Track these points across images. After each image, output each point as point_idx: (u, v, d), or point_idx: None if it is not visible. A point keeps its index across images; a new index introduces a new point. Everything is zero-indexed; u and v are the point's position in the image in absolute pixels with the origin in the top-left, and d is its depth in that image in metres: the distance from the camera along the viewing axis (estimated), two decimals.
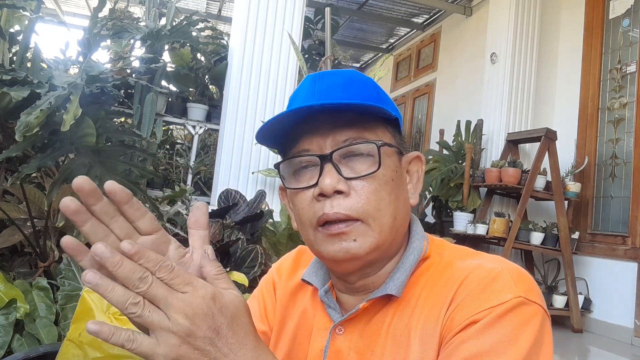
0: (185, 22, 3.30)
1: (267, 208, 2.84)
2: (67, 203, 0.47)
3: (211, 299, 0.46)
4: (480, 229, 3.98)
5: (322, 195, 0.61)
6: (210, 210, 2.58)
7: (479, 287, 0.58)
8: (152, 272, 0.45)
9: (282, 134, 0.66)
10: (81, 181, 0.47)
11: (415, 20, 6.69)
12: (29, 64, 2.08)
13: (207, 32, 4.10)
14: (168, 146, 4.13)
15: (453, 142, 4.66)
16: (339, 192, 0.61)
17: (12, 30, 2.25)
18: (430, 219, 5.11)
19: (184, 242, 0.55)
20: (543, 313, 0.57)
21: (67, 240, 0.47)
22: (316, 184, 0.62)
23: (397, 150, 0.66)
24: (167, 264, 0.45)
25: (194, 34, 3.44)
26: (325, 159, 0.61)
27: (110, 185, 0.49)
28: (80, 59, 2.36)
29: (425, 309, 0.61)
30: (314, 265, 0.74)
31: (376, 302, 0.64)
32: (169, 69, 3.65)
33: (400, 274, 0.64)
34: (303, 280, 0.73)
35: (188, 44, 3.53)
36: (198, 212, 0.54)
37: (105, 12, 3.59)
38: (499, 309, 0.55)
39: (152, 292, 0.44)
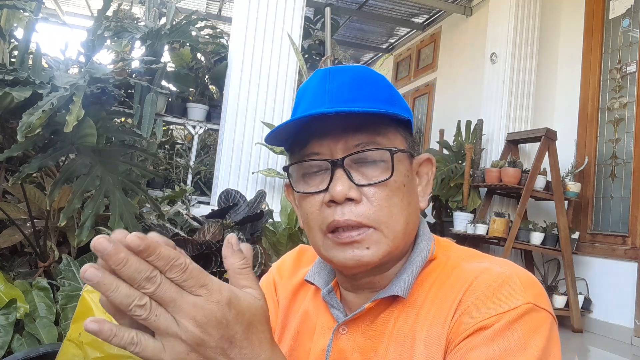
0: (184, 21, 3.30)
1: (267, 208, 2.84)
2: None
3: (226, 304, 0.42)
4: (480, 229, 3.98)
5: (333, 201, 0.60)
6: (210, 211, 2.59)
7: (488, 292, 0.57)
8: (162, 272, 0.40)
9: (290, 134, 0.64)
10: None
11: (415, 20, 6.69)
12: (29, 64, 2.08)
13: (207, 32, 4.10)
14: (168, 146, 4.13)
15: (453, 142, 4.66)
16: (350, 199, 0.59)
17: (11, 29, 2.25)
18: (430, 219, 5.11)
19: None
20: (552, 320, 0.57)
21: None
22: (326, 189, 0.61)
23: (408, 154, 0.65)
24: (180, 262, 0.41)
25: (193, 33, 3.44)
26: (336, 164, 0.60)
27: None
28: (81, 59, 2.36)
29: (432, 311, 0.60)
30: (317, 266, 0.74)
31: (381, 302, 0.64)
32: (169, 69, 3.65)
33: (407, 275, 0.64)
34: (306, 280, 0.73)
35: (188, 44, 3.53)
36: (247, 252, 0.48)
37: (107, 12, 3.59)
38: (508, 315, 0.54)
39: (160, 294, 0.40)
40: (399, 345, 0.61)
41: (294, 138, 0.64)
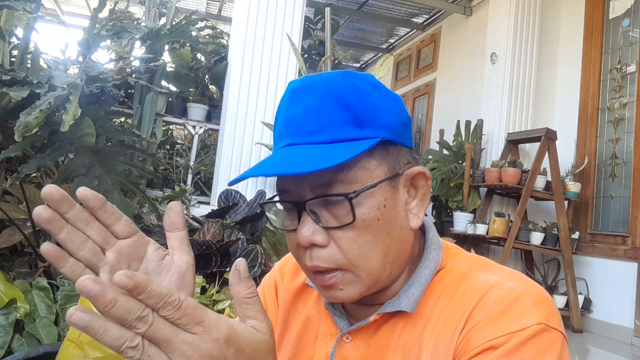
0: (184, 21, 3.30)
1: None
2: (40, 212, 0.44)
3: (225, 342, 0.40)
4: (480, 229, 3.98)
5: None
6: (210, 210, 2.59)
7: (498, 308, 0.55)
8: (155, 309, 0.38)
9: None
10: (49, 190, 0.44)
11: (415, 20, 6.69)
12: (28, 64, 2.08)
13: (207, 32, 4.10)
14: (168, 146, 4.14)
15: (453, 142, 4.66)
16: (315, 244, 0.57)
17: (12, 29, 2.25)
18: (430, 219, 5.11)
19: None
20: (562, 339, 0.55)
21: (46, 247, 0.44)
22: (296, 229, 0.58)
23: (384, 180, 0.58)
24: (174, 299, 0.38)
25: (193, 33, 3.44)
26: (301, 206, 0.57)
27: (83, 191, 0.47)
28: (80, 59, 2.36)
29: (439, 325, 0.59)
30: None
31: (386, 314, 0.63)
32: (169, 69, 3.65)
33: (415, 289, 0.61)
34: (308, 284, 0.71)
35: (188, 44, 3.53)
36: (172, 213, 0.50)
37: (105, 12, 3.59)
38: (518, 336, 0.53)
39: (153, 333, 0.37)
40: (405, 356, 0.60)
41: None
